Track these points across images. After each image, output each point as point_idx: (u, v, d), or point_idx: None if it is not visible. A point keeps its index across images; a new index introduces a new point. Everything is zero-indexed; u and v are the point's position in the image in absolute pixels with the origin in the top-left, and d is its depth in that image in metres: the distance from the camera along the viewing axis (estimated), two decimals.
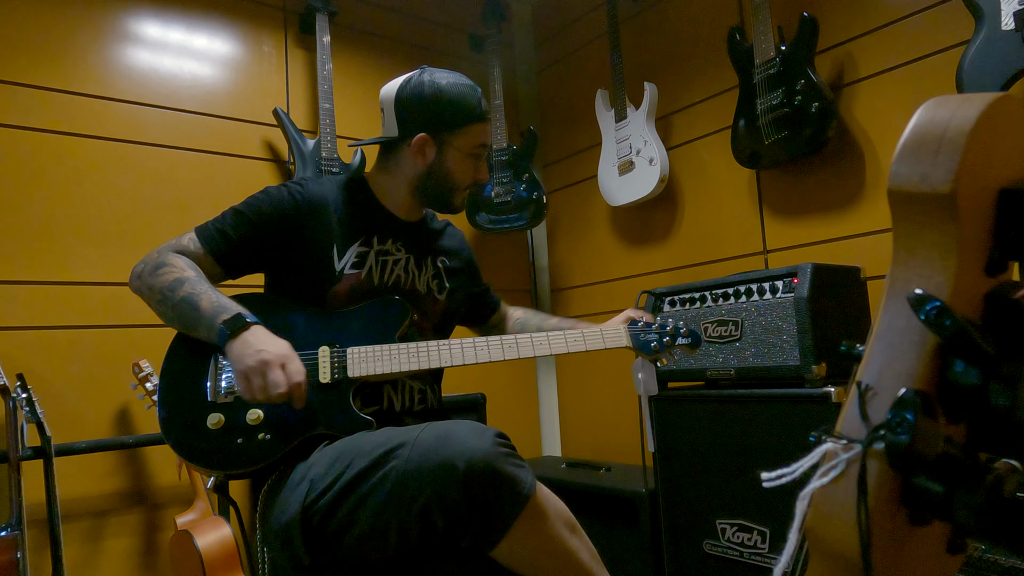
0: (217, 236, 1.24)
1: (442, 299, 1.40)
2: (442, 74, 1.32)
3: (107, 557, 1.91)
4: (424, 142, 1.30)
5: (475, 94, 1.32)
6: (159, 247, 1.24)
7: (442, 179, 1.34)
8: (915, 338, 0.45)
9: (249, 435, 1.13)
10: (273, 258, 1.28)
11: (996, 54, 1.46)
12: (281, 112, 2.29)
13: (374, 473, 1.00)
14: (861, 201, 1.93)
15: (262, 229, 1.25)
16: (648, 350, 1.37)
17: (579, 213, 2.90)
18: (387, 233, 1.34)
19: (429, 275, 1.39)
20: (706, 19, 2.36)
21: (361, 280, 1.27)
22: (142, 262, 1.22)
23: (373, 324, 1.24)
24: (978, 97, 0.47)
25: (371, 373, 1.20)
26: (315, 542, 1.04)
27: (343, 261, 1.27)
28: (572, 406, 2.94)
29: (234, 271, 1.27)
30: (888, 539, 0.43)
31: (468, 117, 1.30)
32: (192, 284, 1.15)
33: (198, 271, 1.19)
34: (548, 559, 1.01)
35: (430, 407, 1.35)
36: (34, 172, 1.93)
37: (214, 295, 1.15)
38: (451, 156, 1.32)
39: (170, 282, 1.16)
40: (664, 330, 1.39)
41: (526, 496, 0.97)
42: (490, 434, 0.99)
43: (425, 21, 2.87)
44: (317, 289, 1.25)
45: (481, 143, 1.34)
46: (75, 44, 2.04)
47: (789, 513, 0.47)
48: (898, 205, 0.48)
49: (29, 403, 1.63)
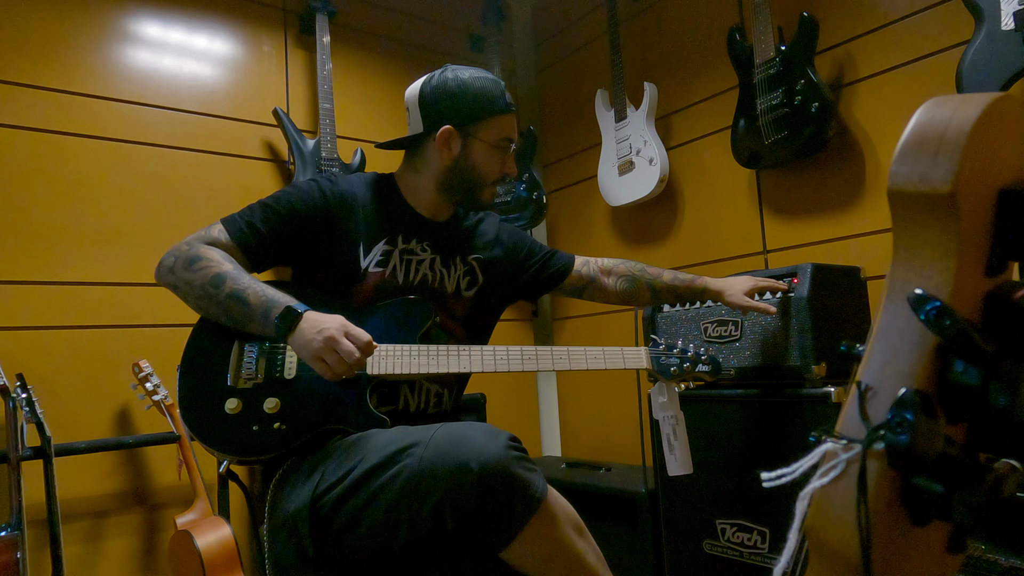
0: (246, 229, 1.23)
1: (469, 296, 1.39)
2: (465, 70, 1.32)
3: (107, 557, 1.91)
4: (449, 135, 1.30)
5: (498, 87, 1.32)
6: (187, 238, 1.21)
7: (469, 173, 1.33)
8: (915, 338, 0.46)
9: (265, 423, 1.14)
10: (300, 253, 1.28)
11: (996, 54, 1.46)
12: (281, 112, 2.29)
13: (386, 470, 1.00)
14: (861, 201, 1.93)
15: (292, 224, 1.25)
16: (668, 374, 1.40)
17: (579, 213, 2.90)
18: (412, 232, 1.34)
19: (459, 273, 1.38)
20: (706, 19, 2.36)
21: (386, 278, 1.28)
22: (171, 255, 1.20)
23: (396, 323, 1.25)
24: (978, 97, 0.47)
25: (390, 372, 1.20)
26: (321, 534, 1.04)
27: (368, 259, 1.27)
28: (572, 406, 2.94)
29: (261, 264, 1.27)
30: (888, 539, 0.43)
31: (493, 109, 1.30)
32: (234, 279, 1.14)
33: (234, 263, 1.18)
34: (556, 561, 1.02)
35: (444, 410, 1.34)
36: (34, 172, 1.93)
37: (259, 288, 1.14)
38: (477, 148, 1.32)
39: (211, 278, 1.14)
40: (686, 355, 1.41)
41: (538, 500, 0.98)
42: (504, 437, 1.00)
43: (425, 21, 2.87)
44: (343, 286, 1.25)
45: (507, 136, 1.34)
46: (75, 44, 2.04)
47: (789, 513, 0.47)
48: (898, 205, 0.48)
49: (29, 403, 1.63)
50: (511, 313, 2.84)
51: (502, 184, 1.40)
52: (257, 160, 2.33)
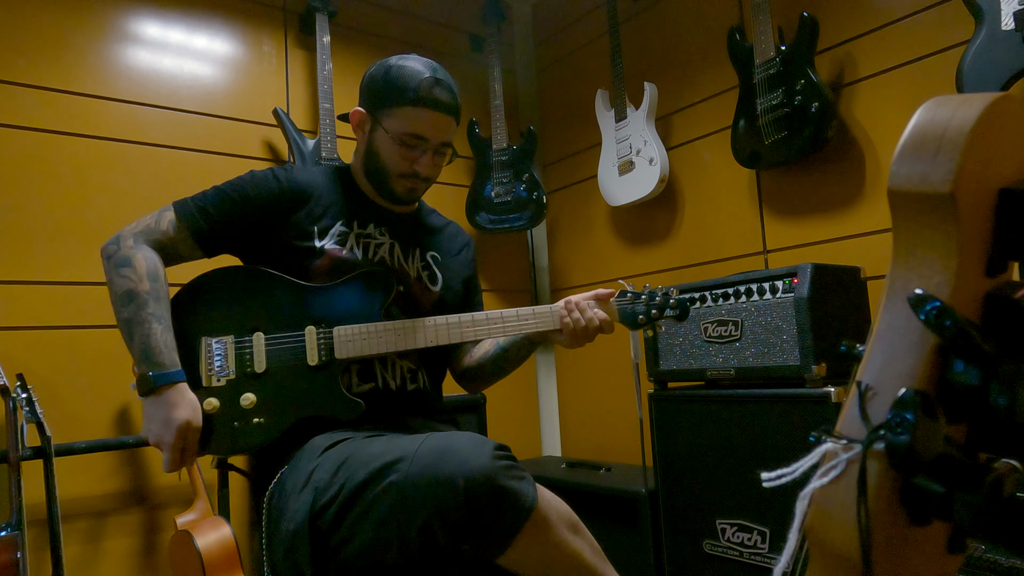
0: (197, 213, 1.22)
1: (436, 291, 1.36)
2: (413, 59, 1.27)
3: (107, 557, 1.91)
4: (360, 118, 1.30)
5: (421, 80, 1.22)
6: (136, 227, 1.21)
7: (375, 160, 1.30)
8: (915, 338, 0.45)
9: (245, 418, 1.15)
10: (252, 241, 1.27)
11: (996, 54, 1.46)
12: (281, 112, 2.29)
13: (374, 486, 0.98)
14: (861, 201, 1.93)
15: (245, 210, 1.24)
16: (635, 324, 1.34)
17: (579, 213, 2.90)
18: (368, 218, 1.32)
19: (419, 265, 1.35)
20: (706, 19, 2.36)
21: (343, 256, 1.26)
22: (114, 242, 1.19)
23: (357, 299, 1.23)
24: (978, 97, 0.47)
25: (358, 354, 1.20)
26: (320, 552, 1.03)
27: (324, 241, 1.26)
28: (572, 406, 2.94)
29: (211, 249, 1.26)
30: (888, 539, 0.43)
31: (400, 99, 1.23)
32: (140, 306, 1.14)
33: (155, 283, 1.16)
34: (553, 563, 1.01)
35: (423, 388, 1.32)
36: (34, 172, 1.93)
37: (147, 330, 1.13)
38: (379, 137, 1.27)
39: (124, 292, 1.15)
40: (653, 300, 1.34)
41: (529, 509, 0.96)
42: (489, 447, 0.97)
43: (425, 21, 2.87)
44: (299, 266, 1.24)
45: (413, 131, 1.24)
46: (75, 44, 2.04)
47: (789, 513, 0.47)
48: (898, 205, 0.48)
49: (29, 403, 1.63)
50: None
51: (414, 183, 1.30)
52: (257, 160, 2.33)
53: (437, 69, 1.26)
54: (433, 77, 1.24)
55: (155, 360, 1.12)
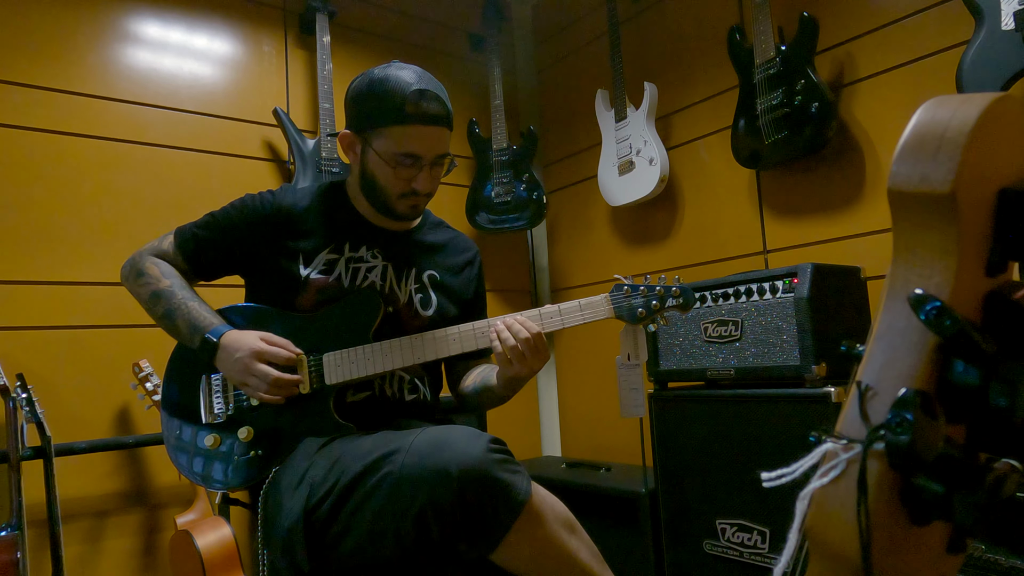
0: (189, 238, 1.28)
1: (427, 315, 1.30)
2: (395, 69, 1.19)
3: (107, 557, 1.91)
4: (350, 140, 1.25)
5: (406, 93, 1.15)
6: (143, 248, 1.30)
7: (371, 181, 1.24)
8: (915, 338, 0.45)
9: (244, 451, 1.19)
10: (241, 264, 1.30)
11: (996, 54, 1.46)
12: (281, 112, 2.29)
13: (369, 478, 0.99)
14: (861, 201, 1.93)
15: (229, 236, 1.27)
16: (634, 318, 1.20)
17: (579, 213, 2.90)
18: (361, 240, 1.29)
19: (412, 288, 1.30)
20: (706, 19, 2.36)
21: (329, 284, 1.24)
22: (128, 263, 1.28)
23: (346, 324, 1.23)
24: (978, 97, 0.47)
25: (348, 378, 1.21)
26: (316, 548, 1.03)
27: (309, 269, 1.25)
28: (572, 406, 2.94)
29: (203, 273, 1.31)
30: (888, 539, 0.43)
31: (386, 118, 1.16)
32: (168, 299, 1.22)
33: (177, 277, 1.25)
34: (548, 562, 1.01)
35: (422, 399, 1.32)
36: (34, 172, 1.93)
37: (187, 310, 1.21)
38: (372, 160, 1.22)
39: (150, 296, 1.23)
40: (653, 291, 1.21)
41: (521, 502, 0.96)
42: (484, 440, 0.98)
43: (425, 21, 2.87)
44: (285, 296, 1.25)
45: (406, 151, 1.18)
46: (75, 44, 2.04)
47: (789, 513, 0.47)
48: (898, 205, 0.48)
49: (29, 403, 1.63)
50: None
51: (415, 200, 1.24)
52: (257, 160, 2.33)
53: (422, 76, 1.19)
54: (418, 89, 1.16)
55: (201, 326, 1.19)
